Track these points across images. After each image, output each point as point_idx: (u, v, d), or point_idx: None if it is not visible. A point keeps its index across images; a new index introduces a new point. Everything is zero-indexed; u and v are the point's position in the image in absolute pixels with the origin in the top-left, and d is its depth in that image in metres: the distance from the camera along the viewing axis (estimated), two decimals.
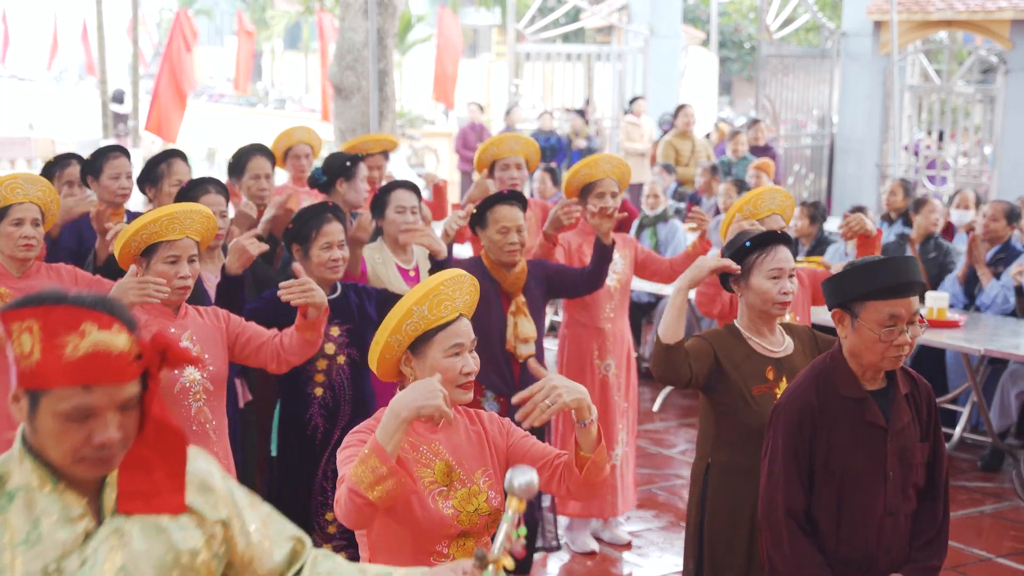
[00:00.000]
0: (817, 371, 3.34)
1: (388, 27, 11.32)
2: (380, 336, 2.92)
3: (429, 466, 2.91)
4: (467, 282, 2.98)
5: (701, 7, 30.00)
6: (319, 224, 4.49)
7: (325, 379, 4.56)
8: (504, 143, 6.36)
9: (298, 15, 35.99)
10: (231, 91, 30.40)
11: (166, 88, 12.80)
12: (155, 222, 3.92)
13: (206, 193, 4.99)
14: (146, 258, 3.96)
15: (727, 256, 3.93)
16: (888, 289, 3.13)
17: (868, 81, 15.71)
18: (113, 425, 1.94)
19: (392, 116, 11.62)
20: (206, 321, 4.04)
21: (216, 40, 43.27)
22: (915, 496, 3.34)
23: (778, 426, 3.32)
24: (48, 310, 1.92)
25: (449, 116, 26.28)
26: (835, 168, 16.18)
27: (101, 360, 1.91)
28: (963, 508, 6.61)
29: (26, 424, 1.98)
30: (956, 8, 15.31)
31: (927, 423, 3.35)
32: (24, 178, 4.53)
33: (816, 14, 16.34)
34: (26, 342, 1.92)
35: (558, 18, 19.00)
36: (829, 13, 24.76)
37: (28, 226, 4.43)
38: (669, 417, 8.32)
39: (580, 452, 2.90)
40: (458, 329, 2.93)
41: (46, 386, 1.91)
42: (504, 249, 4.90)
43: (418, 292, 2.90)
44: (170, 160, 5.64)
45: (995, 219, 7.48)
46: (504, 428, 3.07)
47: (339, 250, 4.50)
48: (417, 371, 2.92)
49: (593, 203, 5.57)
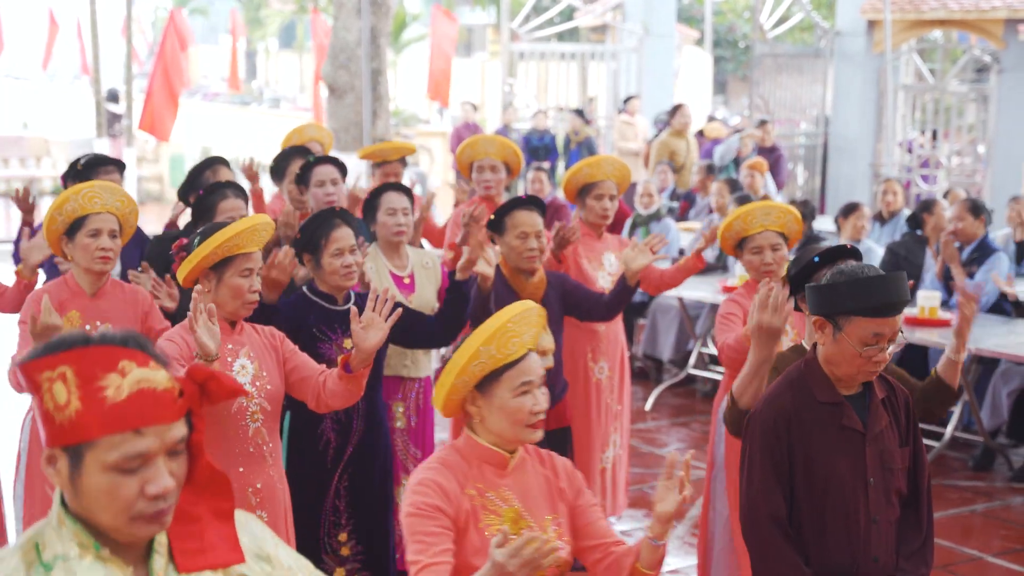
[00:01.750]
0: (791, 377, 3.27)
1: (382, 26, 11.32)
2: (446, 379, 2.78)
3: (497, 513, 2.78)
4: (534, 315, 2.84)
5: (695, 6, 30.01)
6: (328, 231, 4.25)
7: None
8: (479, 144, 6.29)
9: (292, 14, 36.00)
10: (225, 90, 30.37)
11: (159, 87, 12.79)
12: (241, 234, 3.68)
13: (225, 198, 4.80)
14: (216, 272, 3.70)
15: (793, 273, 3.79)
16: (877, 308, 3.07)
17: (862, 80, 15.73)
18: (165, 472, 1.75)
19: (386, 115, 11.62)
20: (262, 339, 3.83)
21: (211, 39, 43.23)
22: (898, 503, 3.28)
23: (754, 433, 3.24)
24: (80, 353, 1.70)
25: (443, 115, 26.28)
26: (829, 167, 16.20)
27: (147, 399, 1.72)
28: (954, 507, 6.62)
29: (66, 487, 1.74)
30: (950, 7, 15.33)
31: (906, 428, 3.30)
32: (101, 187, 4.29)
33: (810, 13, 16.36)
34: (60, 392, 1.69)
35: (552, 17, 19.00)
36: (823, 12, 24.77)
37: (105, 237, 4.20)
38: (661, 416, 8.33)
39: (638, 564, 2.79)
40: (527, 367, 2.79)
41: (90, 436, 1.69)
42: (523, 255, 4.76)
43: (485, 332, 2.75)
44: (215, 167, 5.44)
45: (960, 218, 7.50)
46: (575, 484, 2.93)
47: (351, 256, 4.26)
48: (484, 410, 2.80)
49: (592, 204, 5.54)
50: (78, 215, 4.19)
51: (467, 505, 2.73)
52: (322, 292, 4.31)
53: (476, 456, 2.82)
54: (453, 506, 2.72)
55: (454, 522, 2.72)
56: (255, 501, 3.71)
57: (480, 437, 2.83)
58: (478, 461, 2.82)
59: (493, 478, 2.81)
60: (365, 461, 4.37)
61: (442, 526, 2.68)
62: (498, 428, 2.79)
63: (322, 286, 4.29)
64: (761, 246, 4.69)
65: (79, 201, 4.20)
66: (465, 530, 2.73)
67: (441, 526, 2.68)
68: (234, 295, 3.69)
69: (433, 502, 2.70)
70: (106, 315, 4.21)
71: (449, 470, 2.78)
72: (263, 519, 3.72)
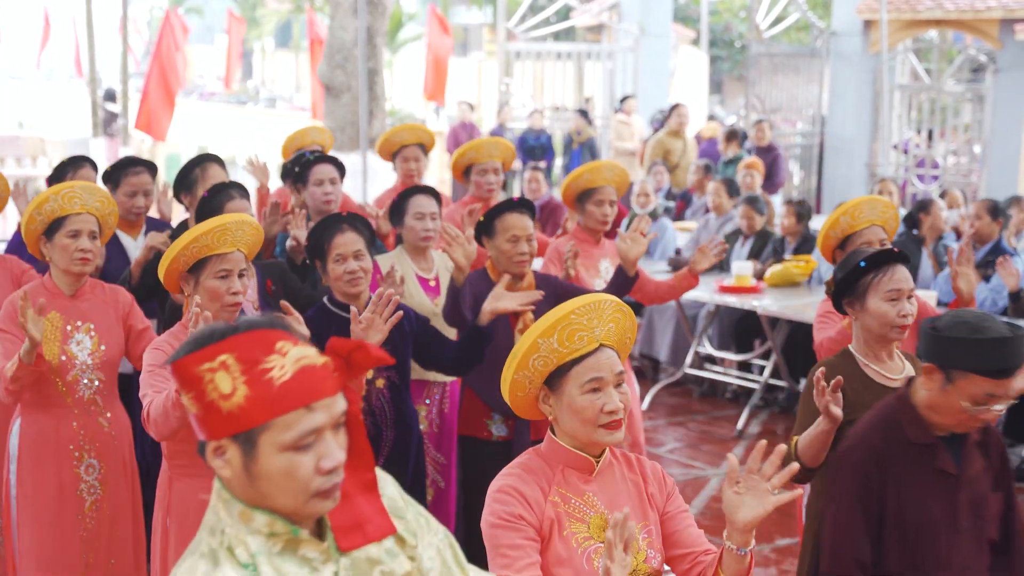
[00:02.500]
0: (883, 415, 3.09)
1: (378, 26, 11.31)
2: (507, 372, 2.65)
3: (583, 520, 2.63)
4: (609, 308, 2.65)
5: (691, 6, 30.01)
6: (330, 237, 4.18)
7: (364, 404, 4.24)
8: (483, 148, 6.25)
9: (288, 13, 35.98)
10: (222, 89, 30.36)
11: (155, 87, 12.77)
12: (207, 234, 3.62)
13: (231, 200, 4.73)
14: (194, 275, 3.66)
15: (839, 276, 3.64)
16: (997, 371, 2.90)
17: (858, 80, 15.74)
18: (336, 445, 1.76)
19: (382, 115, 11.62)
20: None
21: (207, 38, 43.20)
22: (990, 550, 3.10)
23: (844, 472, 3.05)
24: (237, 340, 1.70)
25: (440, 115, 26.27)
26: (825, 167, 16.21)
27: (311, 375, 1.72)
28: None
29: (238, 477, 1.74)
30: (945, 7, 15.34)
31: (999, 472, 3.14)
32: (82, 187, 4.22)
33: (806, 13, 16.36)
34: (223, 382, 1.69)
35: (548, 17, 18.99)
36: (819, 12, 24.79)
37: (85, 239, 4.13)
38: (658, 415, 8.33)
39: (720, 573, 2.58)
40: (596, 362, 2.62)
41: (264, 419, 1.69)
42: (513, 259, 4.61)
43: (545, 322, 2.60)
44: (204, 165, 5.34)
45: (979, 216, 7.50)
46: (666, 489, 2.79)
47: (355, 261, 4.16)
48: (556, 409, 2.66)
49: (591, 209, 5.49)
50: (57, 216, 4.13)
51: (551, 512, 2.61)
52: (341, 303, 4.19)
53: (559, 460, 2.69)
54: (536, 514, 2.60)
55: (538, 531, 2.60)
56: None
57: (561, 440, 2.70)
58: (562, 465, 2.68)
59: (578, 483, 2.67)
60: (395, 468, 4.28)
61: (527, 537, 2.57)
62: (570, 429, 2.66)
63: (337, 295, 4.18)
64: (870, 241, 4.51)
65: (58, 202, 4.13)
66: (549, 538, 2.61)
67: (526, 537, 2.57)
68: (212, 298, 3.63)
69: (515, 511, 2.59)
70: (87, 315, 4.16)
71: (531, 475, 2.66)
72: None
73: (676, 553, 2.74)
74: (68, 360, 4.09)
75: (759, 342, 8.37)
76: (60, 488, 4.09)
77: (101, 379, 4.16)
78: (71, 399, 4.11)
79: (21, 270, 4.82)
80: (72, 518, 4.09)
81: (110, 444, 4.19)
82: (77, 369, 4.10)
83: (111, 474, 4.18)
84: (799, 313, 7.32)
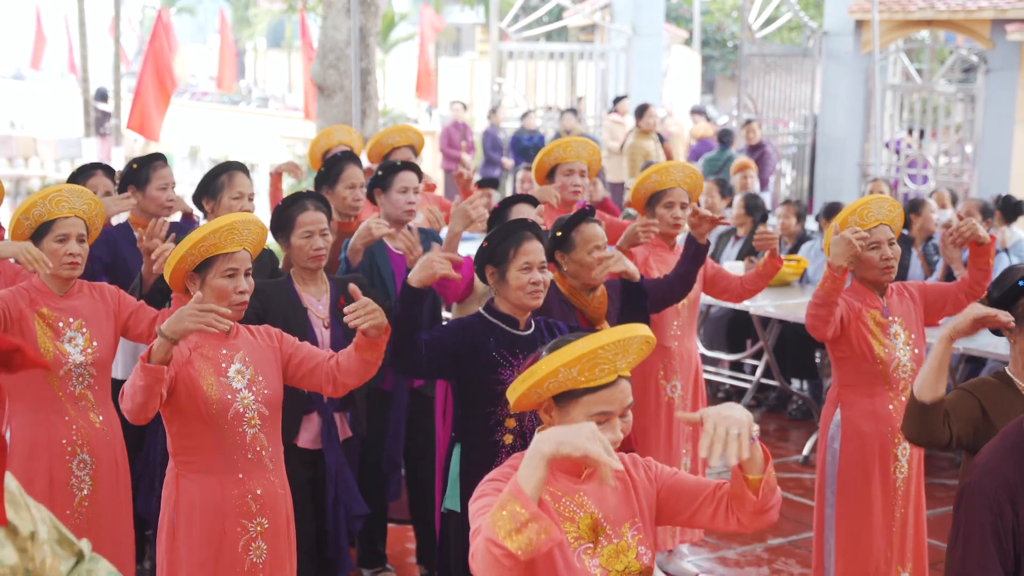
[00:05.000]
0: (1011, 442, 2.83)
1: (370, 25, 11.31)
2: (520, 384, 2.64)
3: (573, 520, 2.64)
4: (636, 344, 2.61)
5: (683, 6, 30.05)
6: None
7: (517, 425, 3.85)
8: (571, 147, 5.81)
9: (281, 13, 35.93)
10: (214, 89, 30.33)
11: (148, 86, 12.75)
12: (214, 233, 3.61)
13: (304, 211, 4.49)
14: (200, 274, 3.66)
15: (995, 296, 3.48)
16: None
17: (850, 80, 15.78)
18: None
19: (375, 115, 11.61)
20: (259, 341, 3.73)
21: (199, 38, 43.16)
22: None
23: (972, 508, 2.80)
24: None
25: (432, 115, 26.27)
26: (817, 167, 16.25)
27: None
28: (942, 505, 6.65)
29: None
30: (937, 7, 15.39)
31: None
32: (69, 190, 4.18)
33: (798, 13, 16.40)
34: None
35: (541, 17, 19.02)
36: (811, 12, 24.84)
37: (73, 242, 4.11)
38: None
39: (748, 475, 2.58)
40: (610, 396, 2.61)
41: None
42: (595, 270, 4.42)
43: (570, 354, 2.56)
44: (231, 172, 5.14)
45: (971, 215, 7.50)
46: (652, 471, 2.78)
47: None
48: (556, 422, 2.65)
49: (662, 213, 5.28)
50: (45, 219, 4.10)
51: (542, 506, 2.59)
52: (502, 313, 3.93)
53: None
54: None
55: None
56: (255, 507, 3.67)
57: None
58: (553, 467, 2.62)
59: (568, 484, 2.69)
60: None
61: None
62: None
63: (502, 306, 3.94)
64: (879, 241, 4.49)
65: (46, 205, 4.10)
66: None
67: None
68: (218, 297, 3.63)
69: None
70: (79, 312, 4.17)
71: None
72: (263, 526, 3.70)
73: (693, 507, 2.72)
74: (60, 356, 4.09)
75: (751, 342, 8.39)
76: (50, 483, 4.10)
77: (93, 375, 4.17)
78: (63, 394, 4.12)
79: (14, 271, 4.80)
80: (60, 513, 4.09)
81: (103, 441, 4.19)
82: (69, 365, 4.11)
83: (102, 471, 4.19)
84: (791, 313, 7.34)
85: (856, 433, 4.57)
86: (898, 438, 4.55)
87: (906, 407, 3.39)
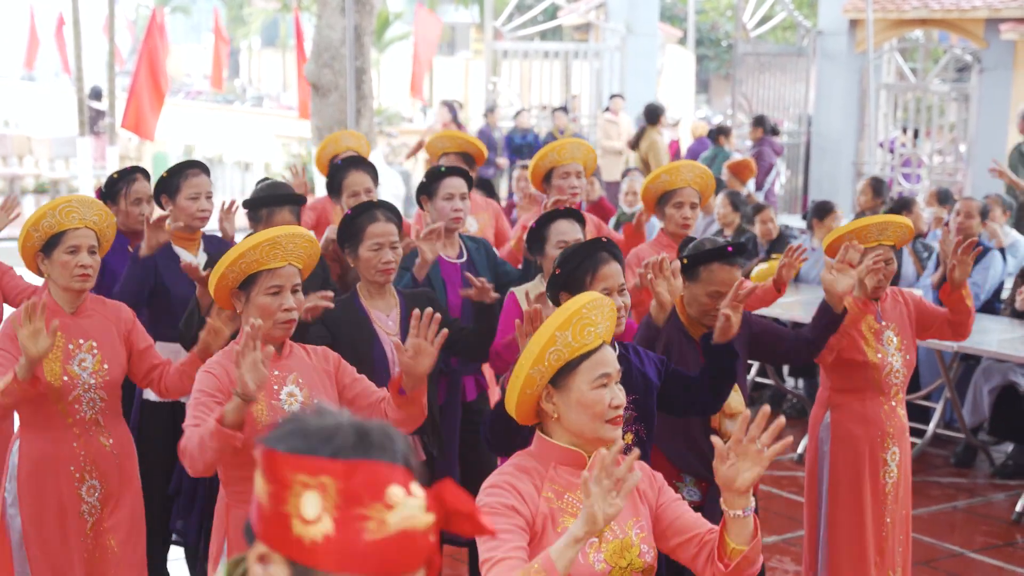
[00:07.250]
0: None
1: (365, 24, 11.31)
2: (520, 369, 2.64)
3: (576, 516, 2.60)
4: (606, 306, 2.70)
5: (678, 5, 30.07)
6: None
7: None
8: (565, 149, 5.66)
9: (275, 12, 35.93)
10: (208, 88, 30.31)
11: (143, 86, 12.75)
12: (255, 248, 3.41)
13: (375, 221, 4.28)
14: (244, 291, 3.45)
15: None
16: None
17: (844, 79, 15.80)
18: None
19: (370, 114, 11.61)
20: (313, 362, 3.54)
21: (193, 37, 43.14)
22: None
23: None
24: (354, 467, 1.39)
25: (427, 114, 26.27)
26: (811, 166, 16.27)
27: (407, 543, 1.40)
28: (936, 503, 6.67)
29: None
30: (931, 7, 15.41)
31: None
32: (79, 201, 4.04)
33: (792, 12, 16.42)
34: (311, 504, 1.39)
35: (536, 16, 19.02)
36: (805, 11, 24.86)
37: (84, 254, 3.96)
38: None
39: (730, 542, 2.53)
40: (604, 358, 2.67)
41: (332, 569, 1.38)
42: (710, 313, 4.00)
43: (560, 317, 2.62)
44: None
45: (969, 215, 7.50)
46: (655, 483, 2.79)
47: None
48: (561, 406, 2.66)
49: (671, 213, 5.11)
50: (55, 231, 3.98)
51: (544, 508, 2.62)
52: None
53: (551, 458, 2.70)
54: (529, 508, 2.61)
55: (530, 525, 2.60)
56: None
57: (555, 438, 2.71)
58: (554, 463, 2.69)
59: (571, 479, 2.67)
60: None
61: (516, 525, 2.56)
62: (577, 425, 2.66)
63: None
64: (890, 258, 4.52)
65: (56, 216, 3.98)
66: (543, 533, 2.61)
67: (515, 525, 2.56)
68: (263, 315, 3.41)
69: (508, 502, 2.59)
70: (89, 333, 4.02)
71: (524, 473, 2.66)
72: None
73: (679, 540, 2.72)
74: (70, 380, 3.95)
75: None
76: (61, 509, 3.99)
77: (103, 398, 4.03)
78: (71, 419, 3.98)
79: (2, 270, 4.76)
80: (76, 540, 4.00)
81: (112, 464, 4.07)
82: (79, 389, 3.97)
83: (112, 494, 4.08)
84: (785, 311, 7.35)
85: (846, 435, 4.57)
86: (887, 442, 4.56)
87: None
